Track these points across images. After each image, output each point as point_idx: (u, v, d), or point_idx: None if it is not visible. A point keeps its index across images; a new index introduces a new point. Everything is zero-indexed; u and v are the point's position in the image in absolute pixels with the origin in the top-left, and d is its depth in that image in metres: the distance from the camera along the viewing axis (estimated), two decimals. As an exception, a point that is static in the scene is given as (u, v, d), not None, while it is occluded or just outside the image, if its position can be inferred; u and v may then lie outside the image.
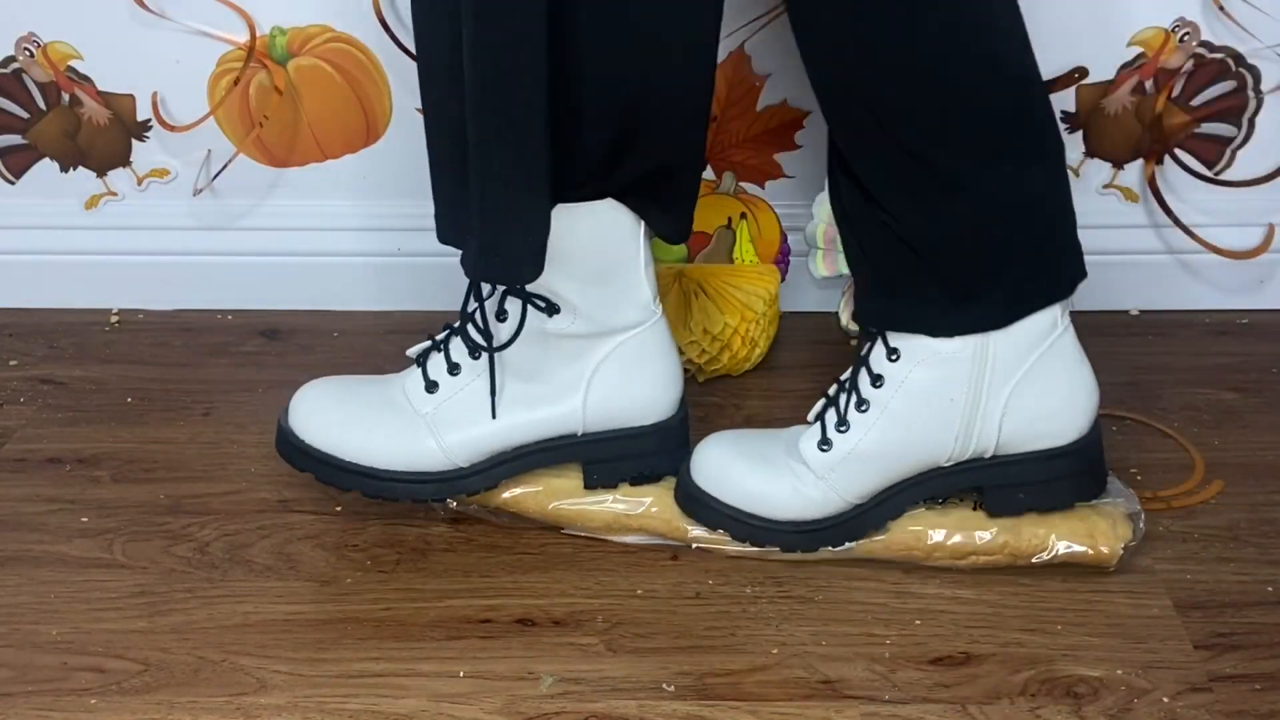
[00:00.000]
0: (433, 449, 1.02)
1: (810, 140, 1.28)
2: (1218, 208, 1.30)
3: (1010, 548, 0.99)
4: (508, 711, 0.90)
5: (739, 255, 1.28)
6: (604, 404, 1.03)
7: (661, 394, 1.04)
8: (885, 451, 0.98)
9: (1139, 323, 1.32)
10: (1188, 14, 1.22)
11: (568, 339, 1.01)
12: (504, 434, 1.03)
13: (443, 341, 1.03)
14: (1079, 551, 0.98)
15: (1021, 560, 0.99)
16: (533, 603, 0.99)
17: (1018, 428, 0.98)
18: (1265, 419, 1.18)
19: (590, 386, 1.02)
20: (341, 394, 1.04)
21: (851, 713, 0.89)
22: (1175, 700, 0.90)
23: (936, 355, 0.97)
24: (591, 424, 1.03)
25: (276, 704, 0.91)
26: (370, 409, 1.03)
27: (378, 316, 1.32)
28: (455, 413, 1.02)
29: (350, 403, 1.04)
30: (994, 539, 0.99)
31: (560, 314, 1.00)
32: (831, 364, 1.27)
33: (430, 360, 1.03)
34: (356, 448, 1.02)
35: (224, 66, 1.27)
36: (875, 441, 0.98)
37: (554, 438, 1.03)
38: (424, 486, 1.03)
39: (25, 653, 0.95)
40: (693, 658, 0.94)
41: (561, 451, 1.04)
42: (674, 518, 1.02)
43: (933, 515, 1.00)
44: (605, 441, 1.04)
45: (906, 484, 0.99)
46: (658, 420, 1.04)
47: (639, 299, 1.02)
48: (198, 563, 1.03)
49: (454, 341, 1.02)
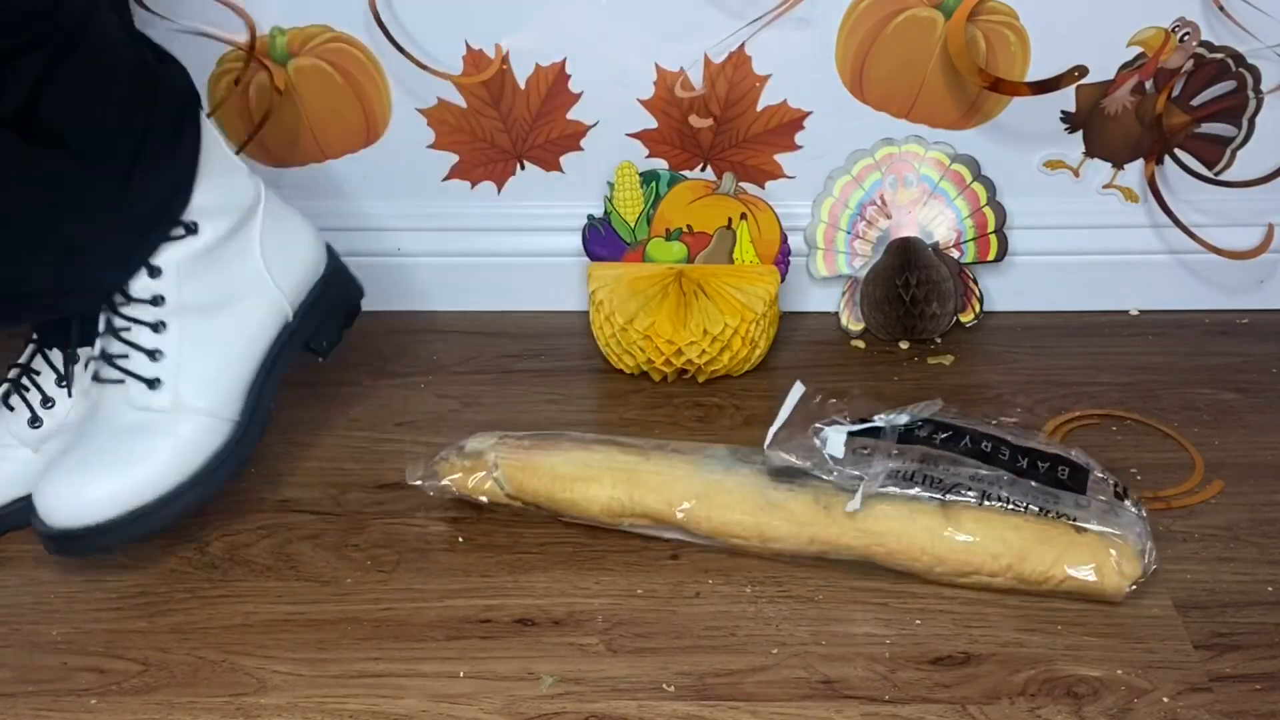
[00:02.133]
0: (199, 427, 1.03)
1: (810, 140, 1.28)
2: (1218, 208, 1.30)
3: (1014, 572, 0.98)
4: (508, 711, 0.90)
5: (739, 255, 1.28)
6: (288, 275, 1.08)
7: (316, 239, 1.13)
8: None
9: (1139, 323, 1.32)
10: (1188, 14, 1.22)
11: (223, 243, 1.05)
12: (243, 362, 1.05)
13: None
14: (1084, 583, 0.97)
15: (1025, 587, 0.98)
16: (533, 603, 0.99)
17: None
18: (1265, 419, 1.18)
19: (269, 266, 1.07)
20: (67, 463, 1.00)
21: (851, 713, 0.90)
22: (1175, 700, 0.90)
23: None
24: (292, 300, 1.08)
25: (276, 704, 0.91)
26: (106, 449, 1.00)
27: (378, 316, 1.32)
28: (191, 371, 1.03)
29: (86, 459, 0.99)
30: (998, 563, 0.98)
31: (200, 229, 1.03)
32: (832, 364, 1.27)
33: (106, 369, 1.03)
34: (129, 491, 0.99)
35: (224, 66, 1.27)
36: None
37: (278, 334, 1.08)
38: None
39: (25, 653, 0.95)
40: (693, 658, 0.94)
41: (293, 346, 1.09)
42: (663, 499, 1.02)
43: (900, 518, 0.99)
44: (310, 308, 1.11)
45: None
46: (327, 263, 1.14)
47: (240, 175, 1.07)
48: (198, 563, 1.03)
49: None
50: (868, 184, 1.29)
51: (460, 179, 1.31)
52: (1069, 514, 0.98)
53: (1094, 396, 1.20)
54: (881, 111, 1.27)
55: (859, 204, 1.29)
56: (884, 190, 1.29)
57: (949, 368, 1.26)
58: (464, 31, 1.23)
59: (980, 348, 1.29)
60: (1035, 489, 1.00)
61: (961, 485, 1.00)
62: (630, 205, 1.28)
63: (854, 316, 1.31)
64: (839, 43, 1.24)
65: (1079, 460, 1.03)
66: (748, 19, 1.23)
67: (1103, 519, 0.98)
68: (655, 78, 1.25)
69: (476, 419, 1.19)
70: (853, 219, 1.29)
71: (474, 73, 1.25)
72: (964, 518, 0.99)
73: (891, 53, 1.24)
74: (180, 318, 1.03)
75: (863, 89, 1.26)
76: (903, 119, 1.27)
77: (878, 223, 1.29)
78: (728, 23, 1.23)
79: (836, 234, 1.30)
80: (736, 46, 1.24)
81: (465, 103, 1.26)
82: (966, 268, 1.31)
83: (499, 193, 1.31)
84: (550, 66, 1.24)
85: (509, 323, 1.32)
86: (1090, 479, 1.01)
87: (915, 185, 1.28)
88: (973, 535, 0.98)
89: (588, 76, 1.25)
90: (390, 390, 1.23)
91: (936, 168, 1.28)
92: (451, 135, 1.28)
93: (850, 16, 1.22)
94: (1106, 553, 0.97)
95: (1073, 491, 1.00)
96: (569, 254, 1.30)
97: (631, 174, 1.27)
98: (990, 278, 1.32)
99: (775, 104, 1.27)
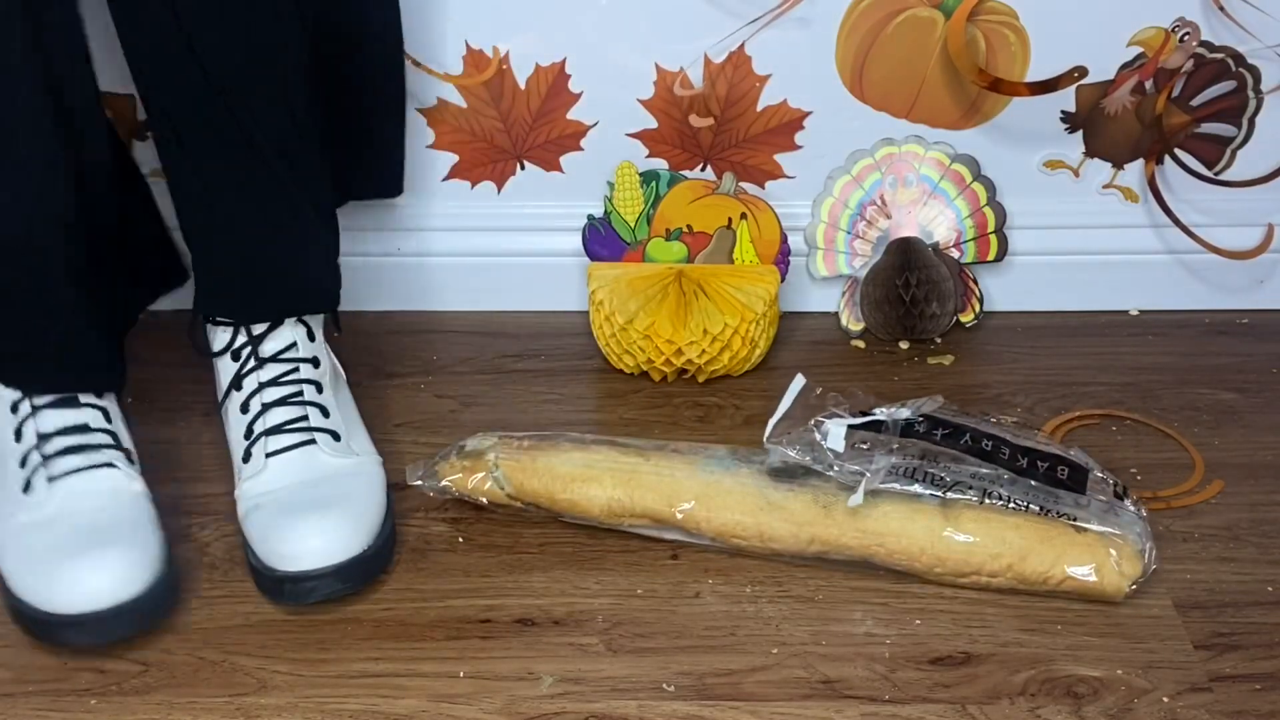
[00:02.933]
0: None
1: (810, 140, 1.28)
2: (1218, 208, 1.30)
3: (1014, 572, 0.98)
4: (508, 711, 0.90)
5: (739, 255, 1.28)
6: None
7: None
8: None
9: (1139, 323, 1.32)
10: (1188, 14, 1.22)
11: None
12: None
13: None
14: (1084, 583, 0.97)
15: (1025, 587, 0.98)
16: (533, 603, 0.99)
17: None
18: (1265, 419, 1.18)
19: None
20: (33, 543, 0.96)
21: (851, 713, 0.90)
22: (1175, 700, 0.90)
23: None
24: None
25: (276, 704, 0.91)
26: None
27: (378, 316, 1.32)
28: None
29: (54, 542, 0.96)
30: (998, 563, 0.98)
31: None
32: (832, 364, 1.27)
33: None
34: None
35: (224, 66, 1.27)
36: None
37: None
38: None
39: (25, 653, 0.95)
40: (693, 658, 0.94)
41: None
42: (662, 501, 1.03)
43: (900, 518, 0.99)
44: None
45: None
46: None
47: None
48: (198, 563, 1.03)
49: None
50: (868, 184, 1.29)
51: (460, 179, 1.31)
52: (1069, 513, 0.99)
53: (1094, 396, 1.20)
54: (881, 111, 1.27)
55: (859, 204, 1.29)
56: (884, 190, 1.29)
57: (949, 368, 1.26)
58: (464, 32, 1.23)
59: (980, 348, 1.29)
60: (1035, 488, 1.00)
61: (962, 483, 1.00)
62: (630, 205, 1.28)
63: (854, 316, 1.31)
64: (839, 43, 1.24)
65: (1078, 460, 1.03)
66: (748, 19, 1.23)
67: (1102, 519, 0.98)
68: (655, 78, 1.25)
69: (476, 419, 1.18)
70: (853, 219, 1.29)
71: (474, 73, 1.25)
72: (964, 517, 0.99)
73: (891, 53, 1.24)
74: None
75: (863, 89, 1.26)
76: (903, 119, 1.27)
77: (878, 223, 1.29)
78: (728, 22, 1.23)
79: (836, 234, 1.30)
80: (736, 46, 1.24)
81: (465, 103, 1.26)
82: (966, 268, 1.31)
83: (499, 193, 1.31)
84: (550, 66, 1.24)
85: (509, 323, 1.32)
86: (1090, 479, 1.01)
87: (915, 185, 1.28)
88: (973, 535, 0.98)
89: (588, 76, 1.25)
90: (390, 390, 1.23)
91: (936, 168, 1.28)
92: (451, 135, 1.28)
93: (850, 16, 1.22)
94: (1106, 552, 0.97)
95: (1072, 491, 1.00)
96: (569, 254, 1.30)
97: (631, 174, 1.27)
98: (990, 278, 1.32)
99: (775, 104, 1.27)
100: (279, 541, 0.96)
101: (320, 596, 0.96)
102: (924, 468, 1.01)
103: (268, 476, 1.01)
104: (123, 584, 0.92)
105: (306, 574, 0.95)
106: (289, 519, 0.97)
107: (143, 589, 0.93)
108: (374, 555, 0.98)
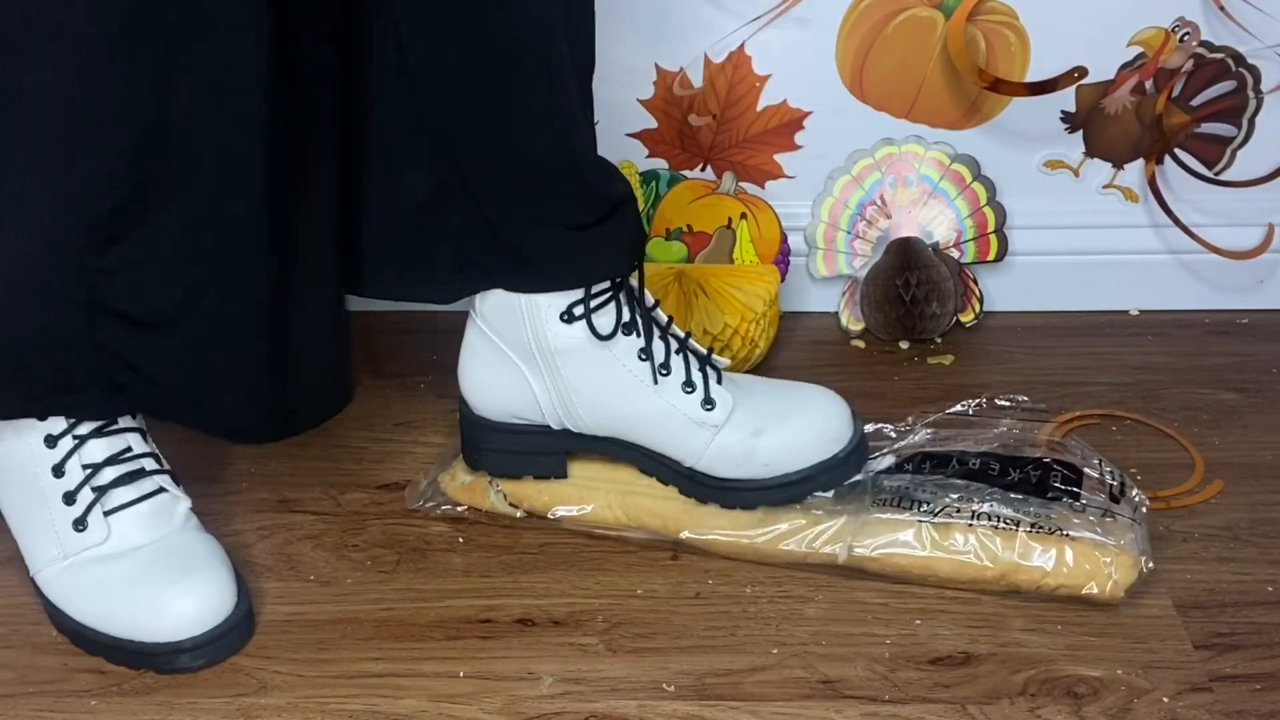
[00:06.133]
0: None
1: (810, 140, 1.28)
2: (1218, 208, 1.30)
3: (1008, 579, 0.97)
4: (508, 711, 0.90)
5: (739, 255, 1.28)
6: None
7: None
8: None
9: (1139, 323, 1.32)
10: (1188, 14, 1.22)
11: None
12: None
13: None
14: (1078, 590, 0.96)
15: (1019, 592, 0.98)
16: (533, 603, 0.99)
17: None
18: (1265, 419, 1.18)
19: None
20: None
21: (851, 713, 0.90)
22: (1175, 700, 0.90)
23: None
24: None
25: (276, 704, 0.91)
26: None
27: (378, 317, 1.32)
28: None
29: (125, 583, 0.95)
30: (993, 570, 0.97)
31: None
32: (832, 364, 1.27)
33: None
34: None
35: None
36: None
37: None
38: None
39: (26, 654, 0.95)
40: (693, 658, 0.94)
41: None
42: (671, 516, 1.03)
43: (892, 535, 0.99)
44: None
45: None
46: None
47: None
48: (198, 563, 1.03)
49: None
50: (868, 184, 1.29)
51: (460, 179, 1.30)
52: (1061, 527, 0.97)
53: (1094, 396, 1.20)
54: (881, 111, 1.27)
55: (859, 204, 1.29)
56: (884, 190, 1.29)
57: (949, 368, 1.26)
58: (464, 31, 1.23)
59: (980, 348, 1.29)
60: (1025, 501, 0.99)
61: (950, 507, 0.99)
62: (630, 205, 1.27)
63: (854, 316, 1.31)
64: (839, 43, 1.24)
65: (1074, 458, 1.02)
66: (747, 19, 1.23)
67: (1096, 527, 0.97)
68: (655, 78, 1.25)
69: (476, 419, 1.18)
70: (853, 219, 1.29)
71: (474, 73, 1.24)
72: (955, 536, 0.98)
73: (891, 53, 1.24)
74: None
75: (863, 89, 1.26)
76: (903, 119, 1.28)
77: (878, 223, 1.29)
78: (727, 22, 1.23)
79: (836, 234, 1.30)
80: (736, 46, 1.24)
81: (465, 103, 1.26)
82: (966, 268, 1.31)
83: (499, 193, 1.31)
84: (550, 66, 1.24)
85: (509, 323, 1.32)
86: (1086, 480, 1.01)
87: (915, 185, 1.28)
88: (964, 554, 0.97)
89: (588, 76, 1.25)
90: (390, 390, 1.23)
91: (936, 168, 1.28)
92: (451, 135, 1.28)
93: (850, 16, 1.22)
94: (1100, 563, 0.96)
95: (1067, 498, 0.99)
96: (569, 254, 1.30)
97: (631, 174, 1.27)
98: (990, 278, 1.32)
99: (775, 104, 1.27)
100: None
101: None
102: (911, 494, 1.00)
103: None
104: (221, 601, 0.94)
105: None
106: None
107: (236, 602, 0.95)
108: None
